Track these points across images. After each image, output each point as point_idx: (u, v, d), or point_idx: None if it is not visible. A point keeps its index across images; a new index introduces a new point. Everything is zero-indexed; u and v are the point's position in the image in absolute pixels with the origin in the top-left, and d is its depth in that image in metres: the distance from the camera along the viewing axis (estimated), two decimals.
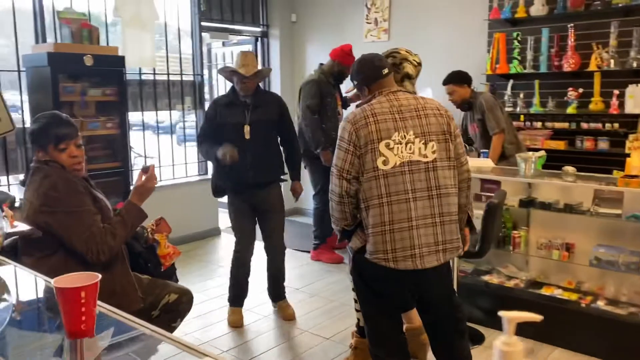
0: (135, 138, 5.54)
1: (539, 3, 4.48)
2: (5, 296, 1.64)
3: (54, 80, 3.95)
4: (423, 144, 2.19)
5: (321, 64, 4.83)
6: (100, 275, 1.18)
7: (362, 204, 2.22)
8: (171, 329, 2.50)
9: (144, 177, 2.42)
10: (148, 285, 2.45)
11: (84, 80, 4.18)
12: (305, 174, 4.43)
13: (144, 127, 5.29)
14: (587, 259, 3.26)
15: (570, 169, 3.46)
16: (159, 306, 2.44)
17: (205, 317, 3.72)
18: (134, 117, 5.48)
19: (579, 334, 3.16)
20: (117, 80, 4.31)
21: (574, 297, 3.27)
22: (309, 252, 5.06)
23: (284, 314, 3.72)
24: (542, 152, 3.61)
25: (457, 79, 4.26)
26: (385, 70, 2.33)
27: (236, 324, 3.57)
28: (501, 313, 0.73)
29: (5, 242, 2.25)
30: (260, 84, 3.67)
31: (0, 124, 4.13)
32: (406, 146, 2.18)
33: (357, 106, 2.40)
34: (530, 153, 3.53)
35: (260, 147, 3.44)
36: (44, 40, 4.45)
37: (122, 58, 4.35)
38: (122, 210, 2.39)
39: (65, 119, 2.42)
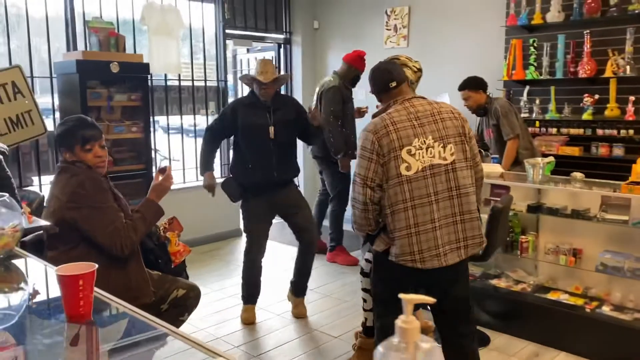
0: (161, 141, 5.76)
1: (555, 9, 4.50)
2: (22, 285, 1.80)
3: (82, 87, 4.18)
4: (442, 147, 2.28)
5: (335, 71, 4.91)
6: (96, 265, 1.30)
7: (387, 209, 2.29)
8: (179, 323, 2.65)
9: (160, 177, 2.57)
10: (158, 280, 2.60)
11: (110, 86, 4.40)
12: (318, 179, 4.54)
13: (169, 130, 5.50)
14: (594, 265, 3.28)
15: (578, 175, 3.48)
16: (167, 300, 2.59)
17: (220, 314, 3.87)
18: (162, 120, 5.70)
19: (583, 339, 3.18)
20: (142, 86, 4.52)
21: (580, 302, 3.30)
22: (324, 253, 5.17)
23: (297, 311, 3.83)
24: (551, 158, 3.64)
25: (473, 84, 4.31)
26: (393, 84, 2.40)
27: (248, 320, 3.70)
28: (401, 296, 0.81)
29: (29, 238, 2.43)
30: (282, 89, 3.84)
31: (34, 127, 4.40)
32: (427, 151, 2.26)
33: (373, 116, 2.48)
34: (539, 159, 3.57)
35: (283, 147, 3.60)
36: (75, 48, 4.70)
37: (147, 65, 4.55)
38: (141, 207, 2.53)
39: (91, 121, 2.59)
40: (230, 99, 6.90)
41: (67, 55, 4.43)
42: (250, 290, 3.79)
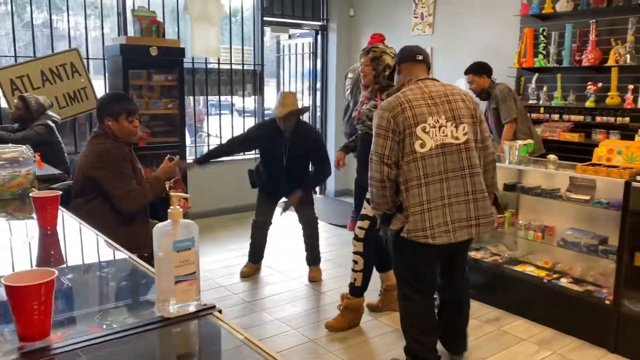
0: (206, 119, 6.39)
1: None
2: (34, 215, 2.38)
3: (125, 68, 4.82)
4: (454, 127, 2.39)
5: None
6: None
7: (402, 186, 2.38)
8: None
9: (169, 163, 3.13)
10: None
11: (150, 68, 5.02)
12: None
13: (208, 110, 6.11)
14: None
15: (552, 157, 3.70)
16: None
17: (229, 268, 4.42)
18: (202, 100, 6.32)
19: (539, 307, 3.44)
20: (178, 68, 5.11)
21: (542, 274, 3.54)
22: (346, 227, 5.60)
23: (311, 275, 4.26)
24: (529, 141, 3.87)
25: (477, 69, 4.56)
26: (420, 57, 2.55)
27: (245, 274, 4.24)
28: (172, 194, 1.21)
29: (57, 186, 3.05)
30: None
31: (88, 102, 5.13)
32: (439, 130, 2.37)
33: (387, 95, 2.65)
34: (518, 141, 3.82)
35: (293, 171, 4.05)
36: (125, 33, 5.37)
37: (183, 49, 5.13)
38: (151, 180, 3.09)
39: (132, 98, 3.20)
40: (271, 81, 7.45)
41: (115, 39, 5.09)
42: (253, 251, 4.33)
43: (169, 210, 1.18)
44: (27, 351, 1.04)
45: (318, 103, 7.22)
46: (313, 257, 4.33)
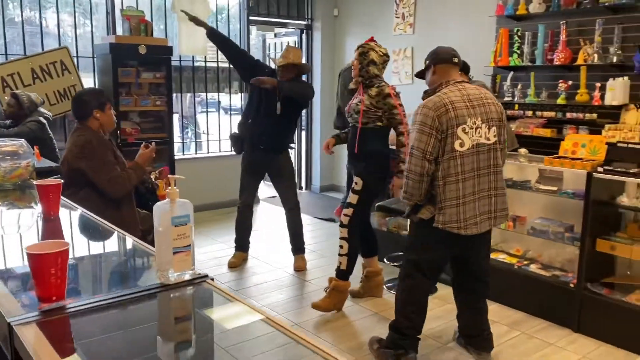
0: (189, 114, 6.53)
1: (536, 1, 4.85)
2: (33, 205, 2.53)
3: (114, 66, 4.96)
4: (487, 128, 2.60)
5: None
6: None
7: (439, 181, 2.54)
8: None
9: (146, 150, 3.29)
10: (145, 217, 3.32)
11: (138, 66, 5.16)
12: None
13: (195, 107, 6.26)
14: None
15: (523, 150, 3.92)
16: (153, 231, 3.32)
17: (218, 260, 4.59)
18: (189, 97, 6.46)
19: (511, 292, 3.66)
20: (166, 66, 5.26)
21: (514, 261, 3.76)
22: (332, 220, 5.79)
23: (296, 264, 4.42)
24: None
25: None
26: (456, 60, 2.74)
27: (233, 265, 4.41)
28: (170, 176, 1.39)
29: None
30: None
31: None
32: (476, 131, 2.57)
33: (425, 94, 2.75)
34: None
35: (281, 120, 4.15)
36: (114, 32, 5.50)
37: (170, 48, 5.28)
38: (132, 167, 3.25)
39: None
40: None
41: (104, 38, 5.23)
42: (238, 238, 4.48)
43: (167, 190, 1.35)
44: (46, 310, 1.21)
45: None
46: (297, 246, 4.49)
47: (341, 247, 3.55)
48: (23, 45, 5.18)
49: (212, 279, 1.42)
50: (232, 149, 4.46)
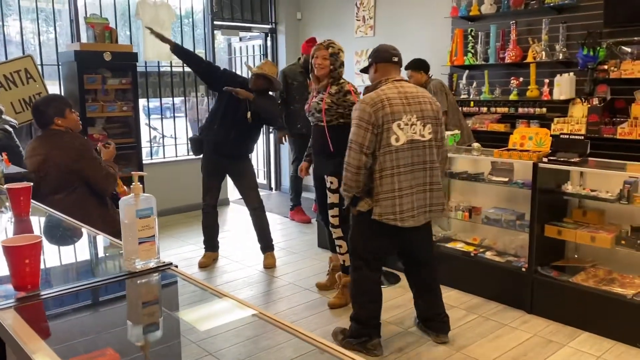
0: (156, 119, 6.60)
1: (488, 2, 5.10)
2: (3, 209, 2.61)
3: (80, 73, 5.02)
4: (422, 125, 2.73)
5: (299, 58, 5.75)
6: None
7: (376, 174, 2.67)
8: None
9: (106, 149, 3.43)
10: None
11: (104, 72, 5.23)
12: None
13: (162, 110, 6.34)
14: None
15: (476, 145, 4.13)
16: None
17: (189, 260, 4.69)
18: (155, 101, 6.53)
19: (468, 278, 3.87)
20: (131, 72, 5.33)
21: (470, 249, 3.97)
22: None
23: (266, 262, 4.53)
24: (456, 131, 4.29)
25: (415, 65, 4.95)
26: (396, 59, 2.85)
27: (204, 264, 4.52)
28: (133, 173, 1.53)
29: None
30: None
31: None
32: (411, 127, 2.70)
33: (365, 90, 2.89)
34: (448, 132, 4.23)
35: (247, 130, 4.30)
36: (79, 39, 5.55)
37: (135, 54, 5.36)
38: (107, 162, 3.37)
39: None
40: None
41: (69, 46, 5.28)
42: (207, 238, 4.60)
43: (130, 186, 1.48)
44: (21, 297, 1.33)
45: None
46: (265, 244, 4.61)
47: (340, 246, 3.64)
48: None
49: (177, 266, 1.55)
50: (191, 151, 4.57)
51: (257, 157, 7.84)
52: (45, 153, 3.26)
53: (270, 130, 7.51)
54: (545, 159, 3.42)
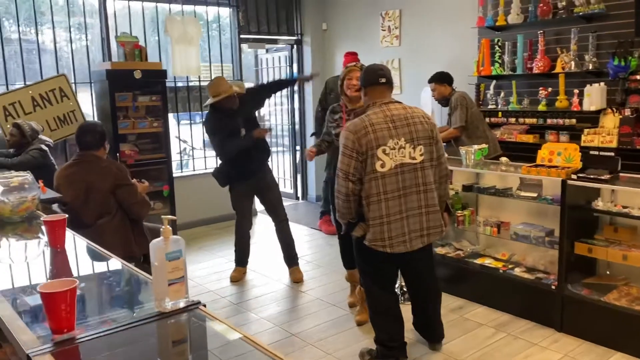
0: (184, 132, 6.73)
1: (514, 12, 5.04)
2: (40, 235, 2.71)
3: (111, 91, 5.16)
4: (412, 148, 2.68)
5: None
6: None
7: (364, 200, 2.66)
8: None
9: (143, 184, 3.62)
10: (152, 230, 3.63)
11: (134, 90, 5.36)
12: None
13: (191, 124, 6.46)
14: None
15: (504, 159, 4.10)
16: None
17: (218, 274, 4.77)
18: (186, 115, 6.66)
19: (497, 295, 3.84)
20: (161, 89, 5.45)
21: (499, 265, 3.93)
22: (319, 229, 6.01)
23: (293, 276, 4.60)
24: (484, 145, 4.25)
25: (438, 78, 4.95)
26: (383, 80, 2.78)
27: (235, 279, 4.58)
28: (163, 217, 1.57)
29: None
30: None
31: (77, 124, 5.40)
32: (399, 151, 2.65)
33: (355, 115, 2.91)
34: (474, 146, 4.21)
35: (256, 143, 4.34)
36: (110, 57, 5.70)
37: (165, 71, 5.48)
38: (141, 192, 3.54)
39: None
40: None
41: (101, 65, 5.42)
42: (239, 256, 4.67)
43: (161, 229, 1.53)
44: (58, 341, 1.39)
45: (297, 112, 7.58)
46: (291, 258, 4.65)
47: None
48: (22, 73, 5.36)
49: (205, 305, 1.59)
50: (219, 183, 4.56)
51: (284, 166, 7.91)
52: (85, 180, 3.37)
53: (297, 147, 7.57)
54: (574, 176, 3.37)
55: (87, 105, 5.69)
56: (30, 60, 5.56)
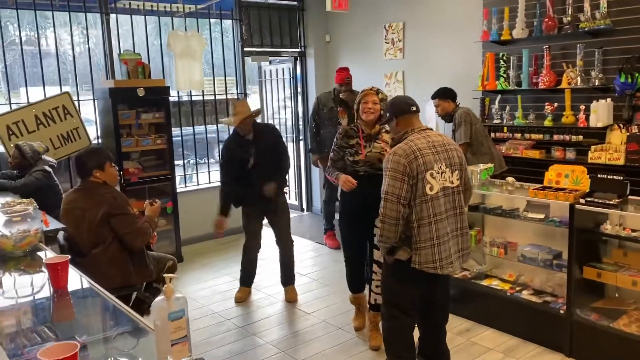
0: (189, 147, 6.71)
1: (519, 26, 4.99)
2: (43, 269, 2.69)
3: (114, 109, 5.15)
4: (451, 172, 2.79)
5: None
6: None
7: (414, 223, 2.67)
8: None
9: (151, 205, 3.55)
10: (155, 259, 3.57)
11: (138, 107, 5.34)
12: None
13: (195, 139, 6.44)
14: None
15: (510, 179, 4.05)
16: (164, 269, 3.60)
17: (222, 294, 4.74)
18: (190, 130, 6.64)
19: (505, 317, 3.79)
20: (164, 106, 5.43)
21: (507, 287, 3.89)
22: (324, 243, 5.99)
23: (287, 296, 4.59)
24: (489, 165, 4.21)
25: (442, 94, 4.90)
26: (414, 108, 2.90)
27: (240, 299, 4.56)
28: (165, 275, 1.55)
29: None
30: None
31: (81, 141, 5.43)
32: (441, 175, 2.75)
33: (392, 142, 3.00)
34: (480, 165, 4.17)
35: (265, 172, 4.29)
36: (113, 75, 5.69)
37: (168, 88, 5.46)
38: (147, 219, 3.47)
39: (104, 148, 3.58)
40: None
41: (104, 82, 5.41)
42: (245, 276, 4.65)
43: (163, 287, 1.50)
44: None
45: (300, 123, 7.55)
46: (288, 278, 4.64)
47: (377, 286, 3.57)
48: (26, 91, 5.35)
49: None
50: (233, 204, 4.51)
51: (288, 177, 7.87)
52: (81, 207, 3.34)
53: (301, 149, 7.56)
54: (582, 200, 3.33)
55: (90, 114, 5.67)
56: (35, 65, 5.54)
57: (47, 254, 2.73)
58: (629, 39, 4.37)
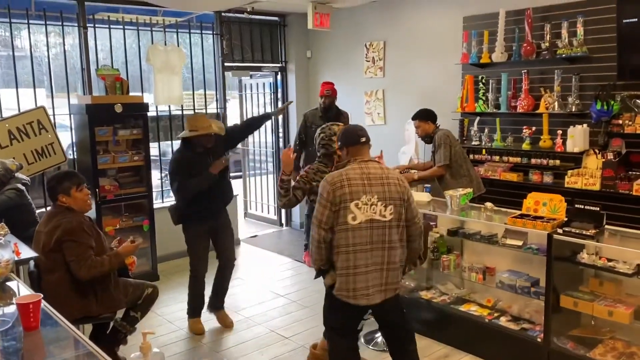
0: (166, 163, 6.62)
1: (499, 50, 5.05)
2: (14, 300, 2.61)
3: (91, 126, 5.05)
4: (383, 206, 2.79)
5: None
6: (41, 295, 2.00)
7: (334, 249, 2.79)
8: (147, 311, 3.61)
9: (131, 244, 3.42)
10: (132, 285, 3.49)
11: (115, 123, 5.25)
12: None
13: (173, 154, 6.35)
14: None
15: (489, 204, 4.08)
16: (142, 297, 3.50)
17: (202, 315, 4.65)
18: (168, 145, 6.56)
19: (482, 344, 3.81)
20: (142, 122, 5.35)
21: (485, 312, 3.91)
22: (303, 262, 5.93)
23: (224, 323, 4.44)
24: (468, 190, 4.24)
25: (423, 115, 4.92)
26: (363, 139, 2.94)
27: (200, 331, 4.33)
28: (143, 332, 1.52)
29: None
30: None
31: (56, 157, 5.32)
32: (370, 207, 2.78)
33: (335, 168, 3.09)
34: (459, 190, 4.19)
35: (221, 178, 4.20)
36: (90, 91, 5.59)
37: (147, 104, 5.38)
38: (112, 255, 3.33)
39: (76, 172, 3.44)
40: (235, 119, 7.70)
41: (81, 98, 5.31)
42: (197, 304, 4.41)
43: (140, 345, 1.46)
44: None
45: (280, 136, 7.53)
46: (220, 302, 4.48)
47: None
48: None
49: None
50: (173, 220, 4.34)
51: (267, 191, 7.83)
52: (41, 231, 3.27)
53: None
54: (560, 230, 3.36)
55: (66, 120, 5.53)
56: (9, 66, 5.40)
57: (19, 286, 2.65)
58: (604, 67, 4.45)
